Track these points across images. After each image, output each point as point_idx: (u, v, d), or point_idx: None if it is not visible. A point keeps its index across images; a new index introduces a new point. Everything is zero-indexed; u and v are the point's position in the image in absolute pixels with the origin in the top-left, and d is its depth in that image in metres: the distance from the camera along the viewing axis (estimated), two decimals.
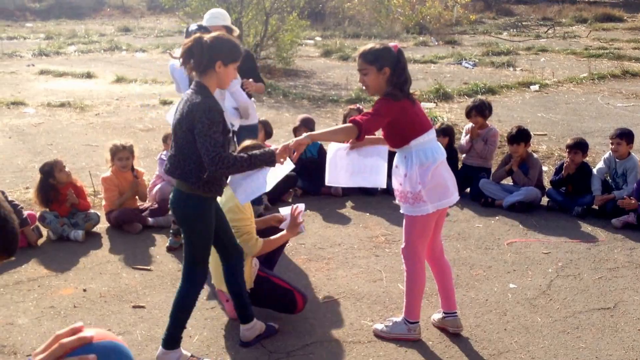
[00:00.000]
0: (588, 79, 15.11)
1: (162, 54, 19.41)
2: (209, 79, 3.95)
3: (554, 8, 34.06)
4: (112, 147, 6.82)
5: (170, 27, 27.30)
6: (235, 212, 4.56)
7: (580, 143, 7.28)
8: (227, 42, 3.99)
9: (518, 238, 6.48)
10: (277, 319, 4.82)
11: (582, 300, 5.15)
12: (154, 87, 14.76)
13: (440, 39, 23.28)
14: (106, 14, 34.07)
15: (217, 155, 3.75)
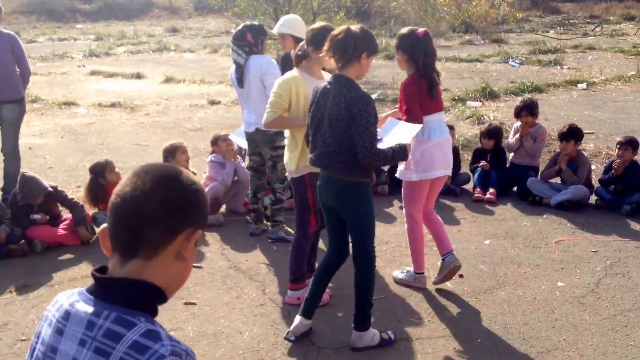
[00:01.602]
0: (636, 77, 14.86)
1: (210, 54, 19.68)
2: (352, 71, 4.21)
3: (601, 6, 33.46)
4: (168, 147, 6.94)
5: (218, 27, 27.63)
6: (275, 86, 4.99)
7: (631, 140, 7.22)
8: (370, 34, 4.30)
9: (566, 236, 6.46)
10: (330, 315, 4.91)
11: (631, 299, 5.13)
12: (202, 87, 15.01)
13: (486, 37, 23.11)
14: (154, 15, 34.62)
15: (373, 147, 4.09)
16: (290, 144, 4.99)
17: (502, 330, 4.72)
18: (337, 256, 4.52)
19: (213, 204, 6.92)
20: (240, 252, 6.18)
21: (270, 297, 5.28)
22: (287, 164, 5.04)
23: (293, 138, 4.95)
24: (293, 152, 4.94)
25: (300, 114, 4.90)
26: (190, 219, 1.64)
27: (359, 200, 4.31)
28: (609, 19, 29.18)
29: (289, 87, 4.90)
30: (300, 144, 4.87)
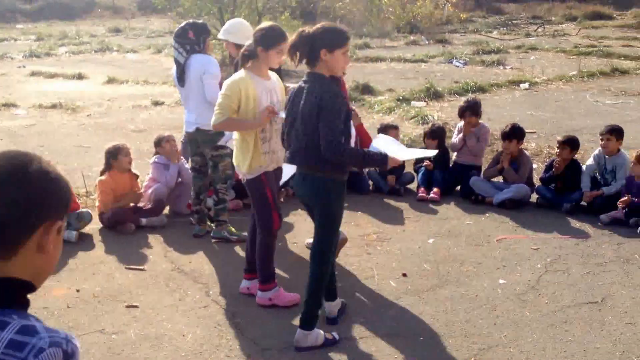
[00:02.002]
0: (577, 77, 15.19)
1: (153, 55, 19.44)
2: (320, 68, 4.24)
3: (543, 6, 34.15)
4: (110, 148, 6.82)
5: (162, 27, 27.28)
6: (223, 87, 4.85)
7: (570, 139, 7.37)
8: (330, 30, 4.30)
9: (508, 234, 6.55)
10: (276, 316, 4.89)
11: (570, 295, 5.22)
12: (146, 88, 14.82)
13: (431, 37, 23.36)
14: (97, 14, 34.03)
15: (335, 142, 4.05)
16: (241, 146, 4.89)
17: (444, 327, 4.76)
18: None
19: (156, 206, 6.83)
20: (184, 254, 6.10)
21: (213, 298, 5.22)
22: (239, 166, 4.95)
23: (243, 140, 4.88)
24: (245, 154, 4.86)
25: (250, 115, 4.83)
26: (47, 213, 1.55)
27: (329, 198, 4.33)
28: (551, 20, 29.80)
29: (238, 88, 4.82)
30: (252, 145, 4.81)
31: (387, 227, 6.77)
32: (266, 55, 4.83)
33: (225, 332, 4.70)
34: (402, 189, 7.86)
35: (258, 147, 4.81)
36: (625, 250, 6.10)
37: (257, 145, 4.81)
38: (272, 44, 4.84)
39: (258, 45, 4.84)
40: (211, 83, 6.10)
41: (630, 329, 4.70)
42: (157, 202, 6.85)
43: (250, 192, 4.97)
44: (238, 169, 5.00)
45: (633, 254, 5.99)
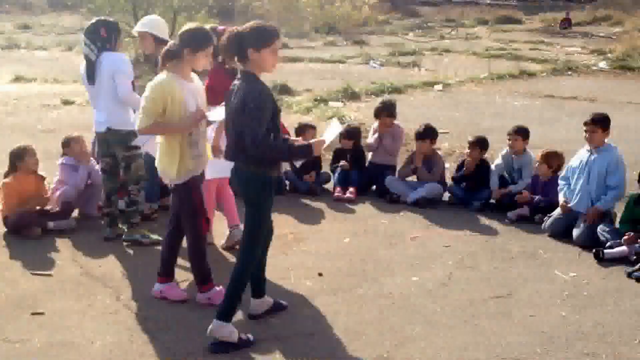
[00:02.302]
0: (488, 79, 15.69)
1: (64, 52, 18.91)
2: (250, 66, 4.30)
3: (457, 10, 35.08)
4: (15, 150, 6.60)
5: (73, 24, 26.54)
6: (146, 89, 4.73)
7: (479, 140, 7.58)
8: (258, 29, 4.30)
9: (421, 232, 6.68)
10: (183, 319, 4.83)
11: (479, 290, 5.37)
12: (55, 86, 14.42)
13: (348, 38, 23.60)
14: (4, 10, 32.84)
15: (257, 136, 4.12)
16: (167, 150, 4.77)
17: (358, 325, 4.80)
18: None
19: (64, 209, 6.64)
20: (94, 258, 5.94)
21: (125, 303, 5.11)
22: (165, 172, 4.84)
23: (170, 144, 4.77)
24: (172, 159, 4.75)
25: (175, 118, 4.73)
26: None
27: (257, 193, 4.39)
28: (464, 23, 30.61)
29: (163, 91, 4.70)
30: (180, 150, 4.74)
31: (304, 227, 6.79)
32: (193, 58, 4.78)
33: (136, 337, 4.61)
34: (318, 189, 7.91)
35: (186, 152, 4.75)
36: (530, 245, 6.31)
37: (185, 149, 4.75)
38: (201, 46, 4.79)
39: (185, 47, 4.75)
40: (123, 82, 5.98)
41: (534, 320, 4.87)
42: (65, 205, 6.65)
43: (178, 197, 4.91)
44: (163, 174, 4.89)
45: (537, 249, 6.22)
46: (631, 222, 6.17)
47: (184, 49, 4.75)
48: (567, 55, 19.66)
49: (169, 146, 4.76)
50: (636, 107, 12.58)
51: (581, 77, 16.30)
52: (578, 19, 30.54)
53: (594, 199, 6.41)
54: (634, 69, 16.79)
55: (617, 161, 6.41)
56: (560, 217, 6.53)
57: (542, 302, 5.15)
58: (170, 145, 4.76)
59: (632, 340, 4.59)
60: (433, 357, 4.40)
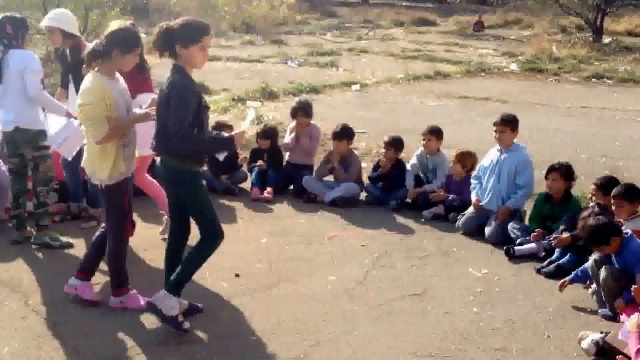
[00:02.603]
0: (404, 80, 15.93)
1: None
2: (181, 61, 4.36)
3: (374, 11, 35.52)
4: None
5: None
6: (84, 97, 4.66)
7: (394, 140, 7.70)
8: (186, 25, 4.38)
9: (338, 232, 6.73)
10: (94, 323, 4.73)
11: (395, 288, 5.45)
12: None
13: (266, 38, 23.56)
14: None
15: (180, 129, 4.19)
16: (99, 152, 4.68)
17: (276, 326, 4.80)
18: (177, 238, 4.80)
19: None
20: (1, 262, 5.73)
21: (33, 308, 4.95)
22: (95, 173, 4.77)
23: (103, 146, 4.67)
24: (104, 160, 4.69)
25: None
26: None
27: (181, 187, 4.50)
28: (381, 24, 31.00)
29: (100, 94, 4.61)
30: (113, 151, 4.68)
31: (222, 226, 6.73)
32: (123, 59, 4.73)
33: (45, 343, 4.48)
34: (236, 189, 7.87)
35: (119, 153, 4.72)
36: (445, 243, 6.46)
37: (118, 151, 4.71)
38: (131, 48, 4.75)
39: (115, 47, 4.66)
40: (33, 80, 5.80)
41: (448, 317, 4.98)
42: None
43: (108, 198, 4.85)
44: (93, 175, 4.82)
45: (452, 247, 6.36)
46: (540, 220, 6.39)
47: (114, 49, 4.67)
48: (480, 57, 20.16)
49: (102, 147, 4.68)
50: (545, 108, 13.02)
51: (493, 79, 16.74)
52: (490, 21, 31.42)
53: (504, 197, 6.62)
54: (543, 71, 17.36)
55: (526, 161, 6.64)
56: (472, 216, 6.71)
57: (456, 300, 5.28)
58: (103, 146, 4.68)
59: (542, 335, 4.75)
60: (350, 356, 4.44)
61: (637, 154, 9.60)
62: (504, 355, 4.48)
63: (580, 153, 9.49)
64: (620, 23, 27.18)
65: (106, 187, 4.79)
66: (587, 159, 9.18)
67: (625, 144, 10.20)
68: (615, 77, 16.52)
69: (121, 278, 4.96)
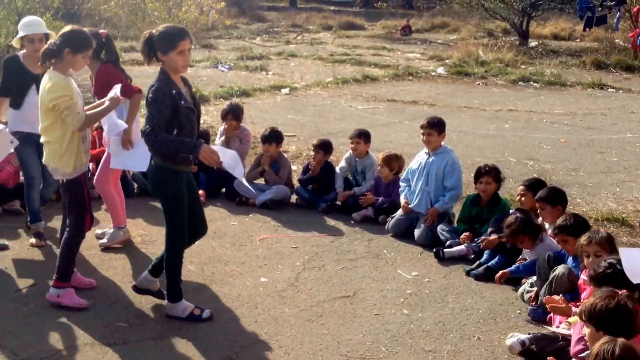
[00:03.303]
0: (333, 83, 16.10)
1: None
2: (164, 65, 4.64)
3: (302, 15, 35.71)
4: None
5: None
6: (55, 91, 4.80)
7: (322, 143, 7.79)
8: (165, 34, 4.63)
9: (269, 234, 6.77)
10: (27, 323, 4.64)
11: (325, 290, 5.52)
12: None
13: (196, 42, 23.36)
14: None
15: (149, 129, 4.44)
16: (67, 146, 4.91)
17: (208, 327, 4.82)
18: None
19: None
20: None
21: None
22: (59, 167, 4.95)
23: (70, 139, 4.91)
24: (70, 153, 4.92)
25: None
26: None
27: (160, 184, 4.77)
28: (309, 28, 31.20)
29: (67, 87, 4.85)
30: (76, 143, 4.93)
31: (153, 229, 6.70)
32: (73, 59, 4.89)
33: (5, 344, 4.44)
34: None
35: (81, 146, 4.97)
36: (375, 246, 6.55)
37: (79, 144, 4.96)
38: (81, 48, 4.91)
39: (66, 47, 4.85)
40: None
41: (378, 319, 5.06)
42: None
43: (70, 192, 5.04)
44: (56, 170, 5.01)
45: (382, 250, 6.46)
46: (468, 222, 6.55)
47: (65, 48, 4.84)
48: (407, 61, 20.52)
49: (70, 141, 4.91)
50: (472, 111, 13.33)
51: (421, 82, 17.07)
52: (417, 26, 32.01)
53: (432, 199, 6.75)
54: (470, 75, 17.75)
55: (454, 163, 6.78)
56: (402, 218, 6.83)
57: (387, 301, 5.36)
58: (71, 140, 4.91)
59: (472, 337, 4.85)
60: (281, 357, 4.49)
61: (563, 156, 9.87)
62: (435, 357, 4.56)
63: (508, 156, 9.77)
64: (546, 27, 28.03)
65: (68, 181, 4.98)
66: (515, 162, 9.45)
67: (553, 146, 10.47)
68: (541, 80, 16.93)
69: (66, 272, 5.05)
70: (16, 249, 6.12)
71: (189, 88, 4.91)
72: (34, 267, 5.73)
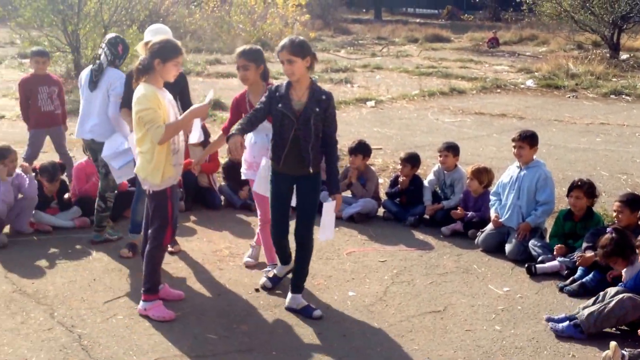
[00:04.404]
0: (419, 96, 15.99)
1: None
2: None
3: (387, 28, 35.67)
4: None
5: (1, 38, 25.90)
6: (140, 103, 4.88)
7: (410, 157, 7.72)
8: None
9: (357, 248, 6.75)
10: (118, 335, 4.76)
11: (415, 305, 5.46)
12: None
13: None
14: None
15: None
16: (152, 158, 4.97)
17: (296, 341, 4.83)
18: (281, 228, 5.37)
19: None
20: (26, 275, 5.82)
21: (59, 320, 5.02)
22: (147, 178, 5.03)
23: (159, 152, 4.96)
24: (157, 165, 4.98)
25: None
26: None
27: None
28: (395, 41, 31.14)
29: (152, 99, 4.89)
30: (164, 157, 4.98)
31: (240, 242, 6.78)
32: (164, 68, 4.97)
33: (71, 355, 4.53)
34: (253, 205, 7.87)
35: (170, 159, 5.02)
36: (464, 260, 6.44)
37: (169, 157, 5.01)
38: (170, 57, 4.98)
39: (156, 58, 4.94)
40: (115, 102, 6.25)
41: (470, 335, 4.97)
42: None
43: (154, 203, 5.10)
44: (145, 181, 5.07)
45: (472, 264, 6.34)
46: (561, 237, 6.36)
47: (155, 59, 4.94)
48: (495, 74, 20.19)
49: (158, 154, 4.96)
50: (562, 124, 13.00)
51: (510, 95, 16.75)
52: (505, 38, 31.50)
53: (524, 214, 6.59)
54: (560, 88, 17.33)
55: (546, 177, 6.61)
56: (492, 232, 6.69)
57: (478, 317, 5.26)
58: (159, 152, 4.96)
59: (567, 354, 4.72)
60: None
61: None
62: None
63: (600, 170, 9.48)
64: (637, 39, 27.06)
65: (154, 192, 5.05)
66: (607, 177, 9.16)
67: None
68: (634, 93, 16.39)
69: (152, 284, 5.12)
70: (105, 260, 6.25)
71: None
72: (123, 279, 5.86)
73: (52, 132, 8.23)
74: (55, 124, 8.21)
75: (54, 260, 6.17)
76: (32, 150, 8.14)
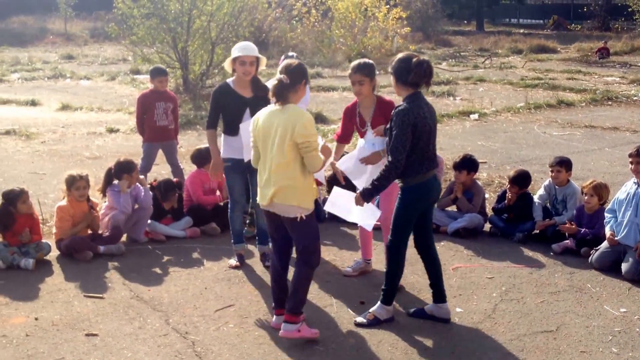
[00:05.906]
0: (525, 109, 15.63)
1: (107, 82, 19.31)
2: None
3: (490, 39, 35.11)
4: (68, 177, 6.78)
5: (115, 55, 27.22)
6: (310, 128, 4.79)
7: (520, 177, 7.51)
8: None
9: (463, 263, 6.67)
10: (230, 343, 4.88)
11: (525, 324, 5.33)
12: (100, 115, 14.77)
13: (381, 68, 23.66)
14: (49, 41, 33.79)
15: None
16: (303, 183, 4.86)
17: (403, 355, 4.82)
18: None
19: (113, 233, 6.81)
20: (143, 282, 6.09)
21: (173, 326, 5.21)
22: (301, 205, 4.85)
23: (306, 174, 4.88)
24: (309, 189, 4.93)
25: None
26: None
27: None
28: (498, 52, 30.61)
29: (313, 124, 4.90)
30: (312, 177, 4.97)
31: (345, 255, 6.83)
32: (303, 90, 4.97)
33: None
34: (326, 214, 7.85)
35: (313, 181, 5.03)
36: (577, 279, 6.25)
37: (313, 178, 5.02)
38: (308, 78, 5.12)
39: (303, 79, 4.96)
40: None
41: (585, 357, 4.81)
42: (115, 230, 6.83)
43: (306, 227, 4.93)
44: (292, 207, 4.85)
45: (585, 284, 6.14)
46: None
47: (302, 80, 4.96)
48: (605, 85, 19.52)
49: (307, 178, 4.92)
50: None
51: (622, 107, 16.14)
52: (615, 48, 30.41)
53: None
54: None
55: None
56: (607, 250, 6.44)
57: (593, 338, 5.08)
58: (308, 178, 4.92)
59: None
60: None
61: None
62: None
63: None
64: None
65: (307, 217, 4.91)
66: None
67: None
68: None
69: (301, 305, 5.03)
70: (214, 269, 6.43)
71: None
72: (232, 288, 6.00)
73: (165, 146, 8.51)
74: (168, 138, 8.49)
75: (167, 268, 6.42)
76: (146, 162, 8.45)
